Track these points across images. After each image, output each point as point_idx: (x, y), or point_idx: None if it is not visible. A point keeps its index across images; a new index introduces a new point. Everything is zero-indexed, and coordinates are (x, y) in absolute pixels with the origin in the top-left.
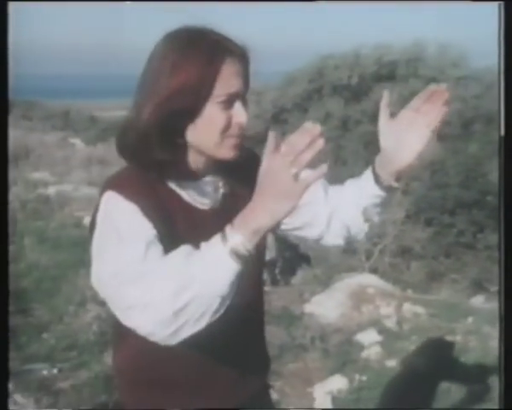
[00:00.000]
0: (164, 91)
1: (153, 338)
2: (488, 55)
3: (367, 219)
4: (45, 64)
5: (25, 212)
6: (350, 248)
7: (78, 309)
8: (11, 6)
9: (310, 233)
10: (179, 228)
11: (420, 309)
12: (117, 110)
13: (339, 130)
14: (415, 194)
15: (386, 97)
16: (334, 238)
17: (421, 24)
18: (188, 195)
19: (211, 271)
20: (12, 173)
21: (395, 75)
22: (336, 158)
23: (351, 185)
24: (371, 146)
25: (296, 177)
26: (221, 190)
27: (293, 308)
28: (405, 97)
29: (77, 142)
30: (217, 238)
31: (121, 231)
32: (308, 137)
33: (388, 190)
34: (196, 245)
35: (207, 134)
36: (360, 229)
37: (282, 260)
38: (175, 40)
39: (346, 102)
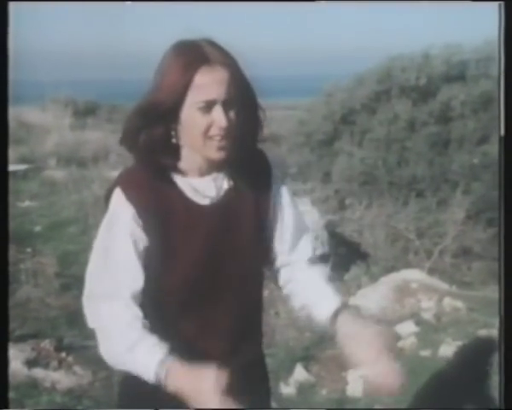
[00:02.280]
0: (153, 92)
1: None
2: None
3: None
4: (131, 69)
5: (97, 207)
6: (411, 247)
7: None
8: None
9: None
10: (178, 221)
11: (460, 304)
12: None
13: (405, 131)
14: (475, 194)
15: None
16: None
17: (493, 23)
18: (191, 190)
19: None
20: (91, 172)
21: (465, 76)
22: (399, 159)
23: (313, 287)
24: (436, 147)
25: None
26: (225, 186)
27: None
28: (475, 98)
29: None
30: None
31: (115, 237)
32: None
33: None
34: (191, 234)
35: (192, 136)
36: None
37: (334, 256)
38: (171, 51)
39: (413, 103)
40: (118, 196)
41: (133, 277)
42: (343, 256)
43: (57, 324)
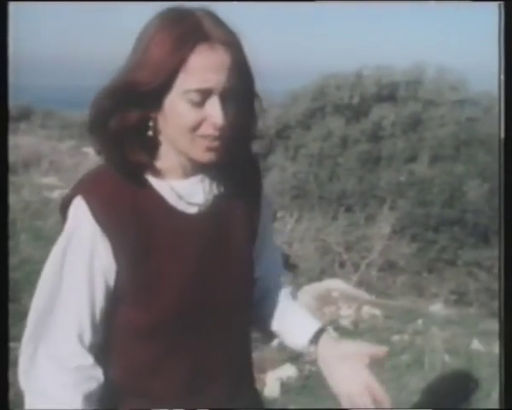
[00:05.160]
0: (131, 69)
1: None
2: (487, 79)
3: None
4: (64, 75)
5: (26, 212)
6: (339, 260)
7: None
8: (24, 16)
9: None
10: (160, 235)
11: (377, 311)
12: None
13: (338, 148)
14: (401, 210)
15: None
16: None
17: (421, 47)
18: (173, 195)
19: None
20: (21, 178)
21: (395, 96)
22: (331, 174)
23: (294, 317)
24: (367, 164)
25: None
26: (214, 191)
27: None
28: (404, 119)
29: (90, 151)
30: None
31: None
32: None
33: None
34: (177, 253)
35: (177, 131)
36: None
37: None
38: (158, 19)
39: (346, 121)
40: (78, 208)
41: (83, 320)
42: None
43: None
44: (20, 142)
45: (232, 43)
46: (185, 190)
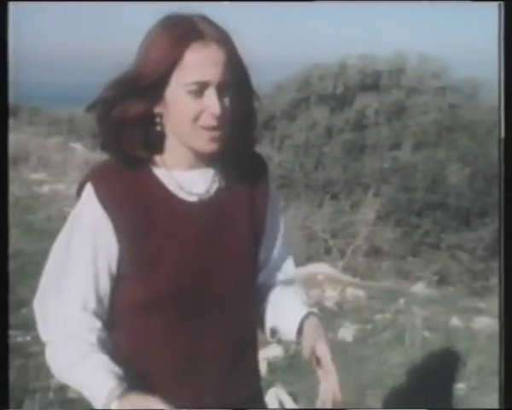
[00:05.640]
0: (135, 67)
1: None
2: (469, 67)
3: (272, 333)
4: (51, 72)
5: (16, 207)
6: (326, 246)
7: None
8: (14, 14)
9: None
10: (159, 218)
11: (361, 293)
12: None
13: (323, 137)
14: (384, 196)
15: None
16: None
17: (405, 36)
18: (174, 185)
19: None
20: (10, 174)
21: (378, 85)
22: (316, 163)
23: (284, 306)
24: (352, 152)
25: None
26: (216, 184)
27: None
28: (388, 107)
29: (77, 146)
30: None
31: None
32: None
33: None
34: (175, 235)
35: (180, 123)
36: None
37: None
38: (158, 24)
39: (331, 110)
40: (87, 193)
41: (88, 291)
42: None
43: None
44: (9, 138)
45: (225, 42)
46: (187, 181)
